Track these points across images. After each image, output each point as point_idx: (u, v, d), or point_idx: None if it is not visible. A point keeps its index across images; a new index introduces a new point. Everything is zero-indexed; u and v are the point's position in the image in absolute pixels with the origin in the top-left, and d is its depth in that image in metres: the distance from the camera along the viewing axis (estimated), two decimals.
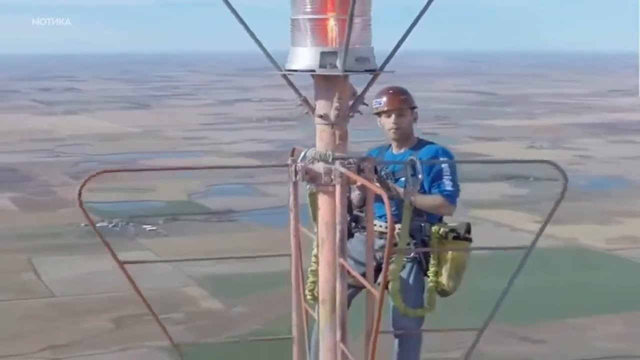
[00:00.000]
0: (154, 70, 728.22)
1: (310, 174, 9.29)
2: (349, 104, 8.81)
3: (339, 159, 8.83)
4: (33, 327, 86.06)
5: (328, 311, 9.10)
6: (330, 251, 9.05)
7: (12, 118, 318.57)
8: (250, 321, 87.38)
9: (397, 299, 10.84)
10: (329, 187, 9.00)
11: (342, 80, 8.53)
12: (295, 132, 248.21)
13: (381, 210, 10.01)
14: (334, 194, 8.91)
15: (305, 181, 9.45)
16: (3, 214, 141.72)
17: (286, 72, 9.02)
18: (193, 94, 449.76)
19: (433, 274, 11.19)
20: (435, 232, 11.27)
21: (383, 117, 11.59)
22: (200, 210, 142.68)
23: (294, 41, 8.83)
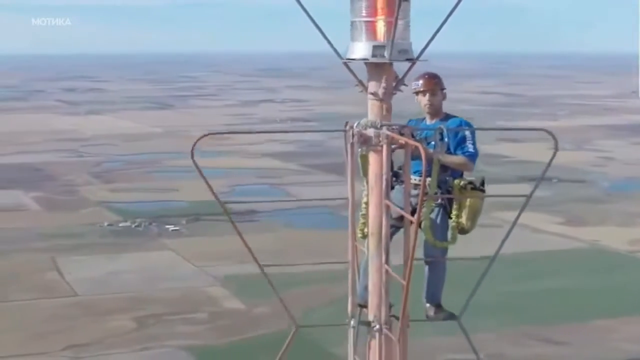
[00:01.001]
0: (177, 71, 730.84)
1: (363, 137, 11.88)
2: (393, 85, 11.89)
3: (385, 125, 11.84)
4: (56, 326, 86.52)
5: (376, 241, 12.33)
6: (378, 195, 12.18)
7: (37, 118, 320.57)
8: (273, 321, 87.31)
9: (428, 234, 13.48)
10: (377, 147, 11.83)
11: (388, 66, 11.58)
12: (318, 132, 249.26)
13: (416, 167, 12.57)
14: (381, 152, 11.89)
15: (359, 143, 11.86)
16: (27, 213, 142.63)
17: (346, 60, 12.03)
18: (216, 95, 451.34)
19: (455, 216, 13.92)
20: (457, 184, 14.00)
21: (420, 96, 14.20)
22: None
23: (352, 37, 11.75)
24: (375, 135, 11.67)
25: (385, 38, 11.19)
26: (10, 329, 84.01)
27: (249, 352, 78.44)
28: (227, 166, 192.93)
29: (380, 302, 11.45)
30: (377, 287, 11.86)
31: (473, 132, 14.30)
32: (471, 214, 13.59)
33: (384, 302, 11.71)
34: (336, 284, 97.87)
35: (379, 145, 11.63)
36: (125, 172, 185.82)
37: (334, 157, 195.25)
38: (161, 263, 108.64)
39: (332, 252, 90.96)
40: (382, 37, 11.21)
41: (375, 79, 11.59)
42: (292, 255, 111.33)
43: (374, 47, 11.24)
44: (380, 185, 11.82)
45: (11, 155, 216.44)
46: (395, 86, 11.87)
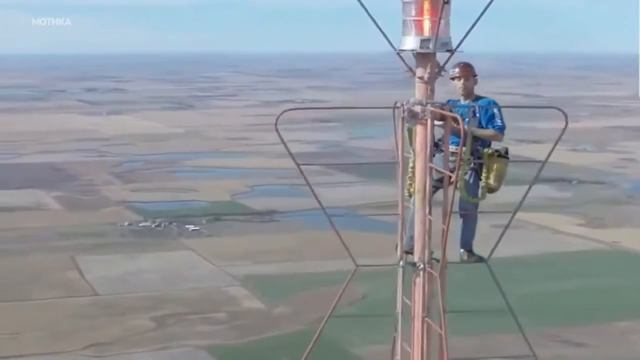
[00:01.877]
0: (198, 71, 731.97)
1: (411, 113, 14.15)
2: (435, 71, 14.19)
3: (429, 103, 14.14)
4: (77, 325, 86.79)
5: (421, 197, 14.37)
6: (423, 160, 14.33)
7: (58, 118, 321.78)
8: (292, 322, 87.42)
9: (463, 192, 15.77)
10: (423, 121, 14.12)
11: (432, 56, 13.95)
12: (338, 132, 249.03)
13: (453, 138, 15.00)
14: (426, 125, 14.22)
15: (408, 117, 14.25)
16: (48, 213, 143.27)
17: (399, 51, 14.13)
18: (236, 95, 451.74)
19: (484, 178, 16.23)
20: (486, 152, 16.26)
21: (456, 80, 16.67)
22: (244, 211, 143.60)
23: (403, 33, 14.06)
24: (421, 111, 14.01)
25: (430, 33, 13.82)
26: (31, 328, 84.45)
27: (268, 352, 78.56)
28: (247, 166, 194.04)
29: (424, 247, 14.02)
30: (422, 235, 14.23)
31: (499, 109, 16.75)
32: (497, 176, 16.13)
33: (427, 247, 14.18)
34: (356, 285, 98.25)
35: (424, 119, 14.05)
36: (146, 172, 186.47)
37: (354, 158, 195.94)
38: (181, 263, 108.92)
39: (353, 252, 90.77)
40: (427, 33, 13.82)
41: (422, 66, 14.00)
42: (311, 255, 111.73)
43: (421, 40, 13.84)
44: (425, 152, 14.22)
45: (32, 154, 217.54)
46: (437, 72, 14.23)
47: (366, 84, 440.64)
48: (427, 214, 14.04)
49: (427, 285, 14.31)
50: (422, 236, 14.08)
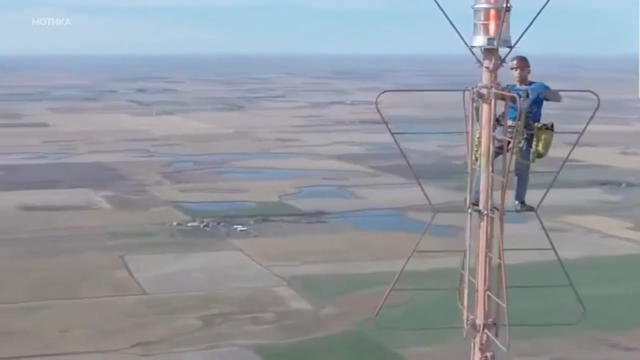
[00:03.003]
0: (249, 72, 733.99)
1: (479, 94, 17.37)
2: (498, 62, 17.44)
3: (493, 86, 17.29)
4: (125, 323, 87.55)
5: (485, 160, 17.45)
6: (487, 131, 17.47)
7: (109, 118, 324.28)
8: (339, 322, 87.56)
9: (518, 156, 18.96)
10: (488, 100, 17.26)
11: (495, 51, 17.22)
12: (387, 135, 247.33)
13: (511, 114, 18.22)
14: (490, 103, 17.33)
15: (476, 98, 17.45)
16: (97, 212, 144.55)
17: (471, 47, 17.32)
18: (286, 96, 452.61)
19: (534, 146, 19.25)
20: (536, 126, 19.22)
21: (514, 70, 19.72)
22: (291, 212, 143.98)
23: (474, 32, 17.34)
24: (487, 93, 17.31)
25: (494, 33, 17.17)
26: (80, 326, 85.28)
27: (314, 353, 78.79)
28: (295, 167, 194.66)
29: (487, 198, 17.34)
30: (485, 189, 17.49)
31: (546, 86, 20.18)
32: (545, 145, 19.17)
33: (490, 198, 17.37)
34: (402, 285, 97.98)
35: (489, 99, 17.30)
36: (195, 172, 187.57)
37: (403, 160, 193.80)
38: (229, 263, 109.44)
39: (398, 254, 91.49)
40: (492, 33, 17.20)
41: (488, 58, 17.36)
42: (358, 256, 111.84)
43: (487, 39, 17.19)
44: (489, 124, 17.48)
45: (83, 154, 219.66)
46: (499, 63, 17.53)
47: (416, 86, 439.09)
48: (490, 173, 17.29)
49: (489, 227, 17.40)
50: (486, 190, 17.43)
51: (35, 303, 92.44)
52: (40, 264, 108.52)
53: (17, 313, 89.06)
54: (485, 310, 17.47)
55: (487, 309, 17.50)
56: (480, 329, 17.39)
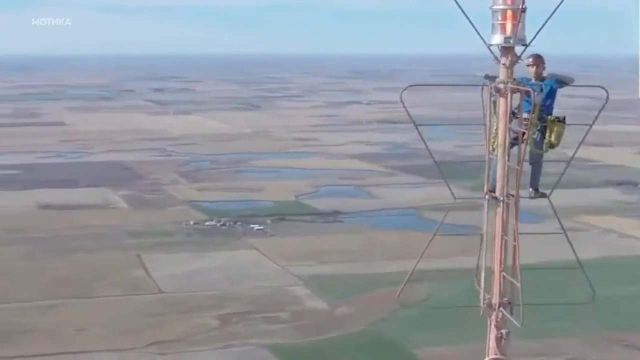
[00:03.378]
0: (266, 72, 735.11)
1: (496, 89, 18.44)
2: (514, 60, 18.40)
3: (509, 81, 18.36)
4: (141, 322, 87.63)
5: (502, 150, 18.51)
6: (504, 123, 18.51)
7: (127, 117, 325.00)
8: (354, 322, 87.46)
9: (532, 146, 20.09)
10: (504, 94, 18.35)
11: (512, 49, 18.24)
12: (404, 134, 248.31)
13: (526, 108, 19.43)
14: (507, 97, 18.42)
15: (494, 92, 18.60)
16: (115, 211, 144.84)
17: (489, 45, 18.33)
18: (304, 96, 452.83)
19: (547, 137, 20.31)
20: (549, 118, 20.32)
21: (530, 67, 20.53)
22: (308, 211, 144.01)
23: (492, 31, 18.41)
24: (504, 87, 18.41)
25: (511, 32, 18.19)
26: (97, 325, 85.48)
27: (330, 352, 78.71)
28: (312, 167, 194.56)
29: (504, 186, 18.48)
30: (502, 177, 18.55)
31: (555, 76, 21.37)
32: (557, 136, 20.23)
33: (506, 186, 18.49)
34: (418, 286, 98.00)
35: (505, 93, 18.42)
36: (212, 171, 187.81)
37: (420, 159, 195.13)
38: (245, 262, 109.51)
39: (414, 253, 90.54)
40: (509, 32, 18.20)
41: (505, 55, 18.38)
42: (374, 256, 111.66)
43: (504, 37, 18.20)
44: (505, 117, 18.53)
45: (101, 153, 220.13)
46: (515, 60, 18.53)
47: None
48: (506, 162, 18.42)
49: (505, 213, 18.49)
50: (502, 178, 18.51)
51: (51, 302, 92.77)
52: (57, 262, 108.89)
53: (34, 311, 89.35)
54: (500, 290, 18.84)
55: (502, 289, 18.83)
56: (496, 307, 18.69)
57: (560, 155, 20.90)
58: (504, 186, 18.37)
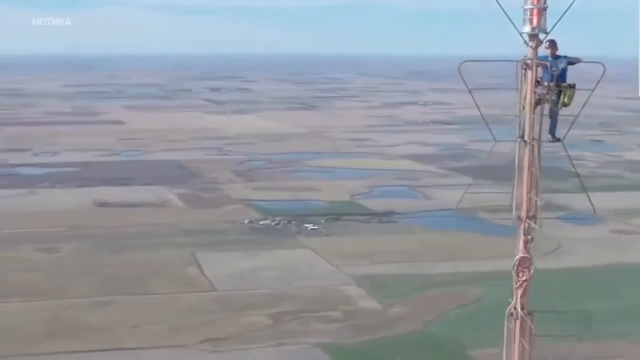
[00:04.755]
0: (323, 72, 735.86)
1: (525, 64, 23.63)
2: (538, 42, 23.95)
3: (534, 59, 23.65)
4: (195, 319, 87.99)
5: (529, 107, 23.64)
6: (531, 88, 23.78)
7: (184, 116, 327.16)
8: (407, 322, 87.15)
9: (551, 104, 24.58)
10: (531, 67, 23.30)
11: (537, 35, 23.58)
12: (460, 135, 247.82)
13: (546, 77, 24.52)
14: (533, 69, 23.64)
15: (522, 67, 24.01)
16: (170, 209, 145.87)
17: (521, 33, 23.68)
18: (360, 96, 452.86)
19: (562, 98, 24.83)
20: (563, 85, 24.84)
21: (547, 49, 24.73)
22: (362, 211, 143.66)
23: (523, 23, 23.60)
24: (530, 63, 23.65)
25: (536, 24, 23.63)
26: (151, 321, 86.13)
27: (382, 352, 78.56)
28: (367, 167, 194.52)
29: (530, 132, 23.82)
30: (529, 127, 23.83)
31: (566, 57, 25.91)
32: (569, 97, 24.95)
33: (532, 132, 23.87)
34: (471, 287, 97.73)
35: (532, 66, 23.64)
36: (267, 171, 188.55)
37: (474, 160, 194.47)
38: (299, 261, 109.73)
39: (467, 254, 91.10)
40: (535, 24, 23.61)
41: (532, 40, 23.74)
42: (427, 256, 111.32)
43: (532, 27, 23.67)
44: (532, 84, 23.87)
45: (158, 152, 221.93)
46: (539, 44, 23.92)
47: (489, 86, 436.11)
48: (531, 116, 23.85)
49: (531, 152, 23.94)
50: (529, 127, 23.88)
51: (107, 298, 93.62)
52: (112, 259, 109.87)
53: (90, 307, 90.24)
54: (527, 207, 24.46)
55: (528, 205, 24.41)
56: (524, 219, 24.34)
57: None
58: (531, 133, 23.92)
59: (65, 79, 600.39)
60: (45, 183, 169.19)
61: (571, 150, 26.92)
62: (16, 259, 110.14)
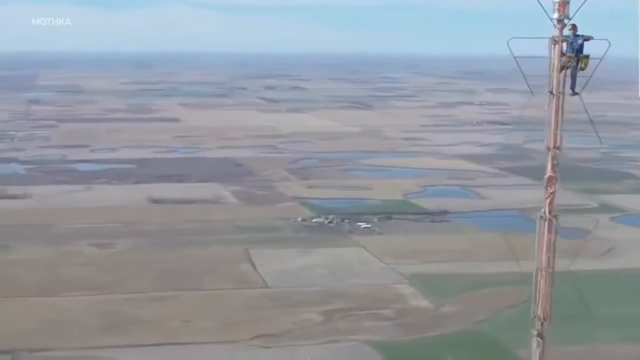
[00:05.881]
0: (378, 72, 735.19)
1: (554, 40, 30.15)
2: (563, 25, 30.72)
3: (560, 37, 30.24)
4: (247, 316, 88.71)
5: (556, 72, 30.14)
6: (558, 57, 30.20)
7: (239, 114, 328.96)
8: (458, 321, 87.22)
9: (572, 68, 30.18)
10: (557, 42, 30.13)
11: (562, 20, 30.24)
12: (515, 136, 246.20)
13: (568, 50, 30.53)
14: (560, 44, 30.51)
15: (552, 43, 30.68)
16: (224, 206, 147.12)
17: (552, 18, 30.38)
18: (415, 96, 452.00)
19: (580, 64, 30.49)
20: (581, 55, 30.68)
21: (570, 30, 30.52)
22: (415, 210, 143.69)
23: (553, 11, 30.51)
24: (557, 39, 29.92)
25: (562, 12, 29.82)
26: (204, 317, 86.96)
27: (432, 350, 78.76)
28: (421, 166, 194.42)
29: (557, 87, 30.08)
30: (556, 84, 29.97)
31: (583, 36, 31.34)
32: (584, 64, 30.66)
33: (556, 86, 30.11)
34: (523, 287, 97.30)
35: (558, 42, 30.03)
36: (321, 169, 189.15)
37: (529, 161, 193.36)
38: (351, 259, 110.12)
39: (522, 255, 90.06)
40: (561, 12, 29.79)
41: (559, 24, 29.75)
42: (480, 256, 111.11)
43: (559, 14, 29.71)
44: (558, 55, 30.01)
45: (213, 150, 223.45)
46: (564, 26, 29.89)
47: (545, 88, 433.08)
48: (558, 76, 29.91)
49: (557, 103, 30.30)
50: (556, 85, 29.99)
51: (161, 293, 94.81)
52: (167, 255, 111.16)
53: (144, 302, 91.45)
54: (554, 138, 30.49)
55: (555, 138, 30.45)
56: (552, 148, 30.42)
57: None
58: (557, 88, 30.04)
59: (123, 76, 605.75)
60: (102, 179, 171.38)
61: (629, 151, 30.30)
62: (72, 253, 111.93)
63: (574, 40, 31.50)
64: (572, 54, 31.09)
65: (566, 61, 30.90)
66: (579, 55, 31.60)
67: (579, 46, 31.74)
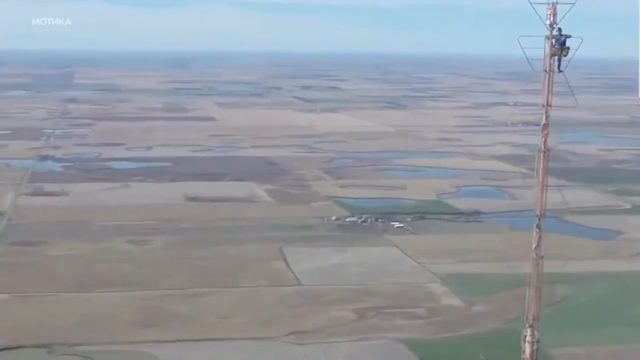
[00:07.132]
0: (414, 72, 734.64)
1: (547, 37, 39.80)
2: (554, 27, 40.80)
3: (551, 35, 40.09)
4: (281, 313, 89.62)
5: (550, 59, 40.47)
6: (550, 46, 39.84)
7: (274, 114, 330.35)
8: (489, 320, 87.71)
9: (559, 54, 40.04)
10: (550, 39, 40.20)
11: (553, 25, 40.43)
12: (549, 137, 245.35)
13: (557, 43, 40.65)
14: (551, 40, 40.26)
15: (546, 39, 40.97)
16: (259, 205, 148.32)
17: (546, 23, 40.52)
18: (450, 96, 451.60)
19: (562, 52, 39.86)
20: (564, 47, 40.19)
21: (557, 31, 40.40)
22: (449, 210, 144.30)
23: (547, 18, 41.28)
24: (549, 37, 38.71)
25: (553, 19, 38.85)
26: (239, 313, 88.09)
27: (464, 348, 79.37)
28: (455, 167, 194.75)
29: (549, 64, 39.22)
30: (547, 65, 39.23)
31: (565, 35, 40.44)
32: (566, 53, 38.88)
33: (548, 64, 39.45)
34: (556, 287, 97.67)
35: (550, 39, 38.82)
36: (356, 168, 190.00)
37: (562, 162, 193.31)
38: (384, 258, 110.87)
39: (555, 255, 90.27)
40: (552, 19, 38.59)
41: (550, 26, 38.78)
42: (513, 256, 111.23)
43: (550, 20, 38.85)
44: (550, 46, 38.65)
45: (248, 148, 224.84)
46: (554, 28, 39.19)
47: (583, 89, 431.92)
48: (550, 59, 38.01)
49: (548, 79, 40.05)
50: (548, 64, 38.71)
51: (197, 290, 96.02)
52: (202, 252, 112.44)
53: (180, 299, 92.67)
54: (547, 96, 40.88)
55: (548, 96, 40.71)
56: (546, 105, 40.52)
57: None
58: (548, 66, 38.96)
59: (159, 75, 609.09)
60: (138, 177, 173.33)
61: None
62: (110, 250, 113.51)
63: (560, 37, 41.05)
64: (559, 47, 40.53)
65: (555, 51, 40.31)
66: (562, 47, 41.26)
67: (563, 41, 41.33)
